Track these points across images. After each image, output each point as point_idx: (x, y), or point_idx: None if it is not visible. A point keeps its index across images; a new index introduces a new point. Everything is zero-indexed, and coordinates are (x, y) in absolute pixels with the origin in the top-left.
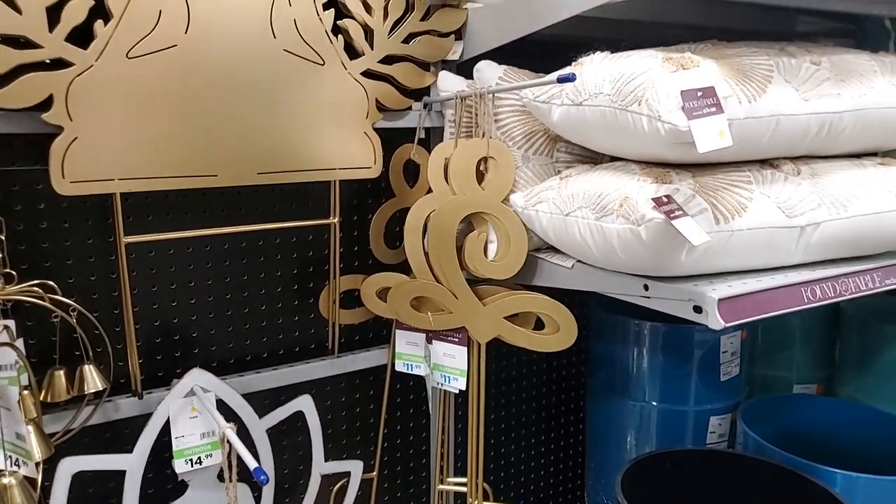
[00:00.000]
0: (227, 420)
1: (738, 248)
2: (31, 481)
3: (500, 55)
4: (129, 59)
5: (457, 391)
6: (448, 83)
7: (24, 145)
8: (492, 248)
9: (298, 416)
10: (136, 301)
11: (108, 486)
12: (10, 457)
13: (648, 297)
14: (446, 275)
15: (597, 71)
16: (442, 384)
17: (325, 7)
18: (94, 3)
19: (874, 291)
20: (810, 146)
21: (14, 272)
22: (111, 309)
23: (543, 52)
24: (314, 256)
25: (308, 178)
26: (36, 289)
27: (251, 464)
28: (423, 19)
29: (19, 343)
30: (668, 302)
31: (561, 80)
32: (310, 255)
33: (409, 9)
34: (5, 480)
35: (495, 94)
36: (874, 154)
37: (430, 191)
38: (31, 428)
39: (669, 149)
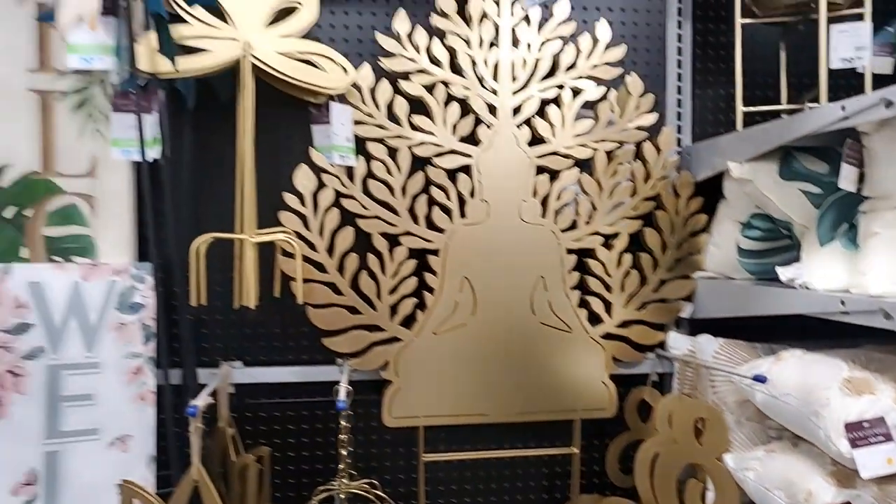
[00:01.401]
0: None
1: None
2: None
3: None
4: (435, 335)
5: None
6: (676, 342)
7: (368, 390)
8: (710, 497)
9: None
10: (428, 501)
11: None
12: None
13: None
14: None
15: (788, 374)
16: None
17: (573, 289)
18: (416, 300)
19: None
20: None
21: (354, 472)
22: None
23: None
24: (561, 474)
25: (556, 417)
26: (365, 485)
27: None
28: (655, 290)
29: None
30: None
31: (755, 379)
32: (557, 473)
33: (642, 283)
34: None
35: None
36: None
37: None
38: None
39: (844, 461)
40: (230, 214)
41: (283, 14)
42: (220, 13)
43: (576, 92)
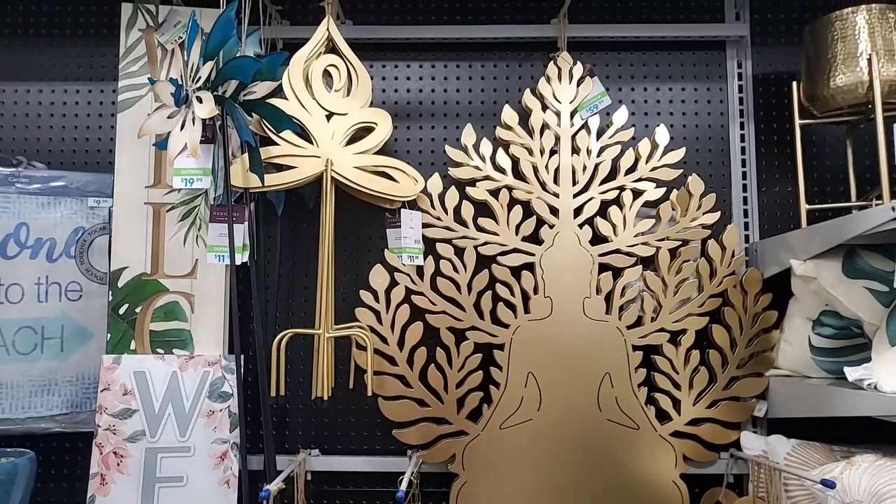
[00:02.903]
0: None
1: None
2: None
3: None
4: (502, 429)
5: None
6: (750, 442)
7: (439, 482)
8: None
9: None
10: None
11: None
12: None
13: None
14: None
15: (859, 479)
16: None
17: (640, 385)
18: (482, 394)
19: None
20: None
21: None
22: None
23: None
24: None
25: None
26: None
27: None
28: (725, 388)
29: None
30: None
31: (824, 484)
32: None
33: (712, 380)
34: None
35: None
36: None
37: None
38: None
39: None
40: (312, 310)
41: (361, 131)
42: (305, 135)
43: (636, 193)
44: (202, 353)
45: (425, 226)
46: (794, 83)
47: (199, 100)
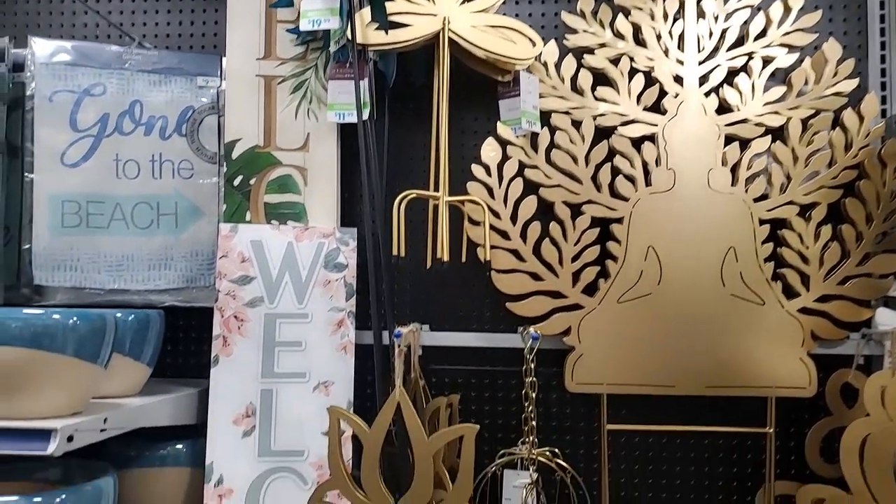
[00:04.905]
0: None
1: None
2: None
3: None
4: (619, 303)
5: None
6: (886, 318)
7: (550, 361)
8: None
9: None
10: (610, 474)
11: None
12: None
13: None
14: (881, 494)
15: None
16: None
17: (766, 260)
18: (599, 269)
19: None
20: None
21: (536, 439)
22: (592, 476)
23: None
24: (752, 459)
25: (747, 392)
26: (547, 452)
27: None
28: (858, 264)
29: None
30: None
31: None
32: (748, 458)
33: (844, 256)
34: None
35: None
36: None
37: (867, 414)
38: None
39: None
40: (423, 182)
41: None
42: None
43: (766, 60)
44: (316, 226)
45: (540, 96)
46: None
47: None
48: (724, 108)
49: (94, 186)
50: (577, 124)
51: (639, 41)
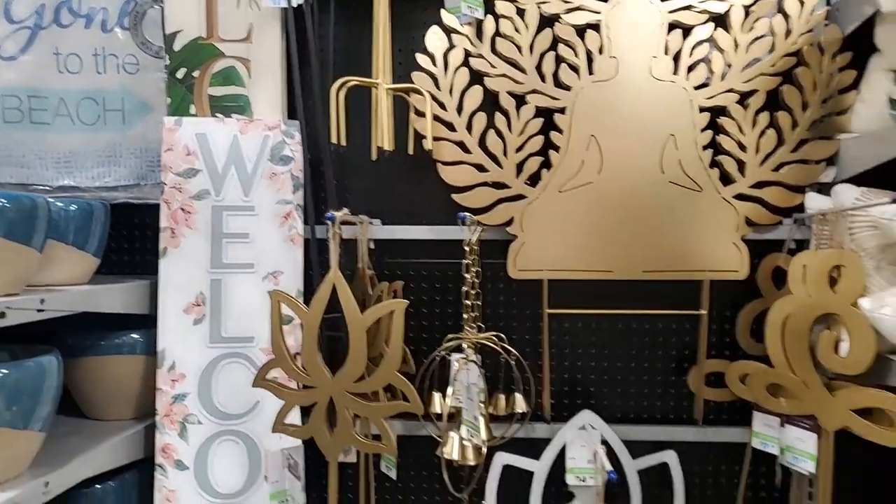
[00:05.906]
0: (608, 456)
1: None
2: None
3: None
4: (560, 192)
5: (806, 473)
6: (815, 202)
7: (495, 248)
8: (843, 347)
9: (664, 470)
10: (552, 356)
11: (522, 481)
12: (468, 430)
13: None
14: (798, 366)
15: None
16: (792, 465)
17: (704, 148)
18: (542, 160)
19: None
20: None
21: (483, 325)
22: (536, 359)
23: None
24: (688, 341)
25: (683, 276)
26: (493, 337)
27: (607, 466)
28: (793, 151)
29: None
30: None
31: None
32: (685, 340)
33: (779, 143)
34: (466, 442)
35: (851, 213)
36: None
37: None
38: (482, 419)
39: None
40: (367, 71)
41: None
42: None
43: None
44: (261, 118)
45: None
46: None
47: None
48: None
49: (34, 81)
50: (521, 12)
51: None
